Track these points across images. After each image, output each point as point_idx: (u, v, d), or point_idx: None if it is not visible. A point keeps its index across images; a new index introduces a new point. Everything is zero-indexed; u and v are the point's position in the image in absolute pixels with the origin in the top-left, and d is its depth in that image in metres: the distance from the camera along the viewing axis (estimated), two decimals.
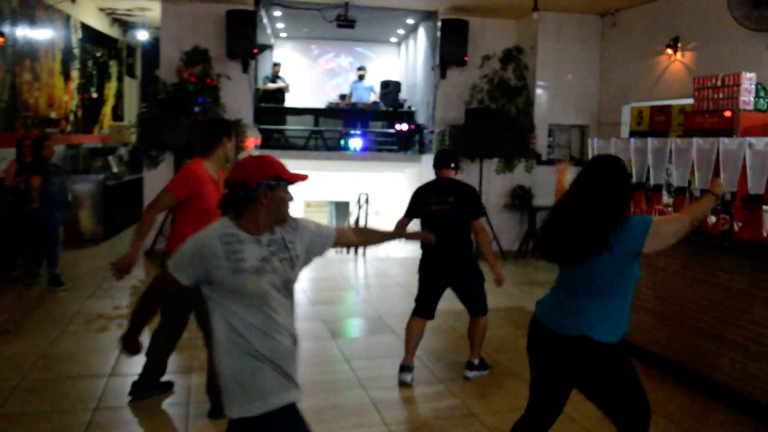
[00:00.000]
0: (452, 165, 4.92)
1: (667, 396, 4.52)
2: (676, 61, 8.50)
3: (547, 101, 10.24)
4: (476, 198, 4.88)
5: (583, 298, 2.77)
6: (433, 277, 4.87)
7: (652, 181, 5.26)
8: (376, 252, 10.13)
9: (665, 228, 2.75)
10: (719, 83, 6.69)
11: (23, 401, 4.23)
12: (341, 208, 16.02)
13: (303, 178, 2.41)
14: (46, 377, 4.66)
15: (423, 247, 4.82)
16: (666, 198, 5.32)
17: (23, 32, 9.54)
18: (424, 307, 4.88)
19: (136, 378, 4.35)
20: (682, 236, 2.82)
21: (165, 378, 4.47)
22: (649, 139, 5.29)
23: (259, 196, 2.31)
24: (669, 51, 8.49)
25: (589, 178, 2.81)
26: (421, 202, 4.82)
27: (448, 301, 6.55)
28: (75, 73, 11.85)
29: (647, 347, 5.17)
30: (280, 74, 13.20)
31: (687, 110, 7.30)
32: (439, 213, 4.72)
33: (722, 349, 4.48)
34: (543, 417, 2.96)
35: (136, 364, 4.99)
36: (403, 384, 4.69)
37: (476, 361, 4.88)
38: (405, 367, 4.76)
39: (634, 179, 5.46)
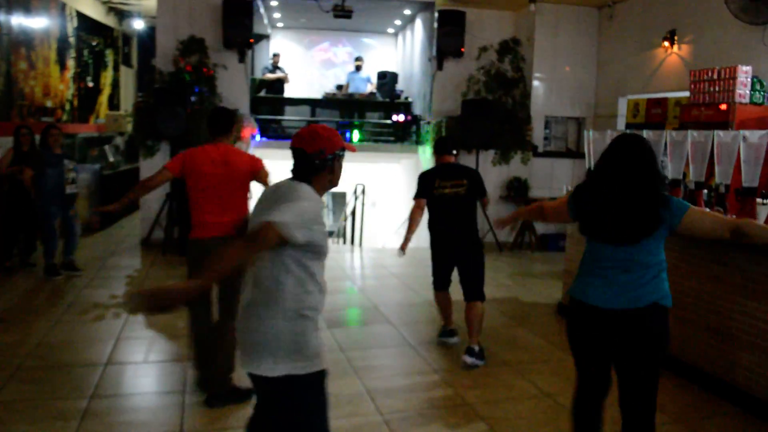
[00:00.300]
0: (453, 151, 5.24)
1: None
2: (673, 54, 8.51)
3: (543, 93, 10.24)
4: (481, 180, 5.21)
5: (638, 273, 2.86)
6: (444, 257, 5.21)
7: None
8: (373, 243, 10.17)
9: (700, 218, 2.88)
10: (715, 76, 6.71)
11: (19, 389, 4.24)
12: (338, 199, 16.03)
13: (353, 149, 2.68)
14: (42, 365, 4.68)
15: (432, 227, 5.19)
16: None
17: (18, 20, 9.49)
18: (441, 281, 5.29)
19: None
20: (715, 238, 2.96)
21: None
22: (645, 132, 5.31)
23: (333, 164, 2.52)
24: (665, 44, 8.49)
25: (625, 157, 2.88)
26: (429, 186, 5.08)
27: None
28: (71, 62, 11.80)
29: None
30: (280, 64, 13.17)
31: (683, 103, 7.33)
32: (451, 196, 5.01)
33: (719, 343, 4.52)
34: (601, 388, 3.07)
35: (132, 353, 5.04)
36: (444, 345, 5.33)
37: (476, 348, 4.93)
38: (447, 331, 5.40)
39: None
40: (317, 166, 2.48)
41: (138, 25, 14.51)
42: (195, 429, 3.80)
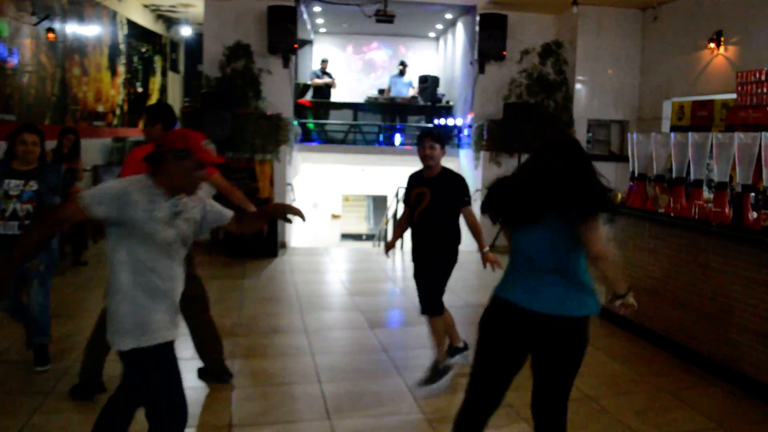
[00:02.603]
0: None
1: (703, 392, 4.53)
2: (719, 56, 8.38)
3: (586, 96, 10.18)
4: (453, 187, 4.70)
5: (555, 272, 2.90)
6: (415, 269, 4.78)
7: (692, 177, 5.24)
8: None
9: (590, 228, 2.66)
10: (763, 78, 6.61)
11: (74, 382, 4.41)
12: (378, 202, 16.14)
13: (214, 160, 2.76)
14: None
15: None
16: (706, 193, 5.29)
17: (72, 28, 9.84)
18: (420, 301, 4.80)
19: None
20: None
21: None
22: (690, 134, 5.27)
23: (167, 161, 2.61)
24: (711, 45, 8.37)
25: (543, 151, 2.89)
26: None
27: (485, 294, 6.58)
28: (121, 68, 12.17)
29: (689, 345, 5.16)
30: (327, 70, 13.37)
31: (730, 105, 7.23)
32: (415, 202, 4.71)
33: (765, 347, 4.46)
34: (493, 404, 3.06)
35: (182, 349, 5.18)
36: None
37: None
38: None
39: (674, 174, 5.45)
40: (156, 158, 2.64)
41: (185, 31, 14.86)
42: (243, 422, 3.92)
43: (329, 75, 13.31)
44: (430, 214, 4.58)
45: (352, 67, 15.70)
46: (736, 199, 4.80)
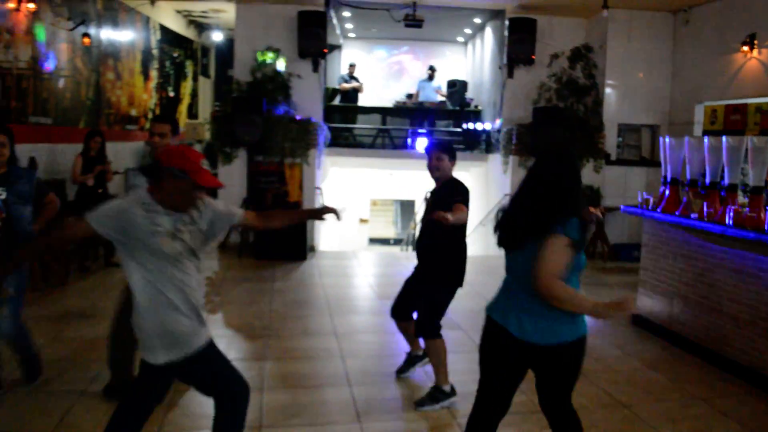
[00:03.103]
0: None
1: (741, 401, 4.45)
2: (753, 59, 8.25)
3: (616, 100, 10.08)
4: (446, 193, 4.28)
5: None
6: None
7: (726, 181, 5.16)
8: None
9: (547, 248, 2.62)
10: None
11: (109, 381, 4.49)
12: (406, 207, 16.15)
13: (212, 183, 2.69)
14: None
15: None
16: (741, 198, 5.21)
17: (107, 34, 10.03)
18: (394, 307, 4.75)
19: None
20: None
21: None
22: (724, 138, 5.20)
23: (164, 178, 2.64)
24: (745, 48, 8.24)
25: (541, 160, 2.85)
26: None
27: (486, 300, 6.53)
28: (153, 73, 12.36)
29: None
30: (355, 74, 13.44)
31: (764, 109, 7.11)
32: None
33: None
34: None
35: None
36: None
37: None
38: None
39: (708, 178, 5.38)
40: (154, 174, 2.74)
41: (216, 37, 15.05)
42: (273, 424, 3.94)
43: (356, 79, 13.37)
44: (425, 226, 4.40)
45: (380, 71, 15.75)
46: None
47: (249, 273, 8.07)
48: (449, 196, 4.11)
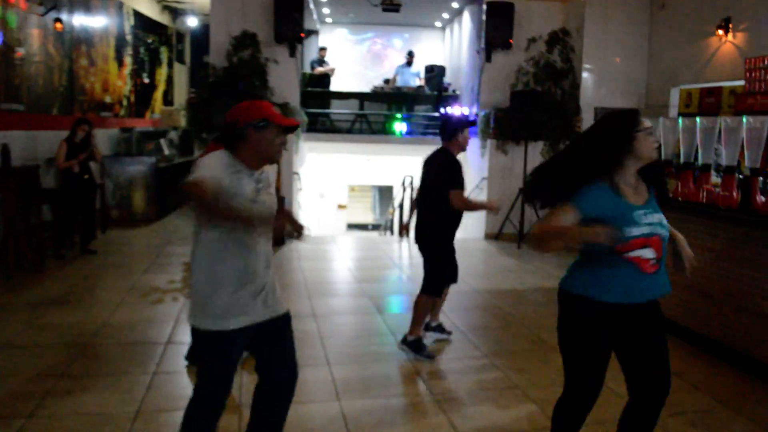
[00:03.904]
0: (442, 135, 4.84)
1: (707, 372, 4.53)
2: (727, 43, 8.34)
3: (593, 84, 10.15)
4: (438, 171, 4.73)
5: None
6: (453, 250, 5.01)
7: (700, 161, 5.23)
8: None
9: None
10: None
11: (87, 365, 4.47)
12: (384, 192, 16.16)
13: (292, 122, 2.72)
14: (108, 343, 4.91)
15: (453, 220, 4.80)
16: (714, 178, 5.28)
17: (80, 19, 9.88)
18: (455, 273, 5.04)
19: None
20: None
21: None
22: (698, 119, 5.26)
23: (246, 135, 2.58)
24: (720, 32, 8.33)
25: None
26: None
27: (491, 280, 6.65)
28: (128, 59, 12.20)
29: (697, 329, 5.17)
30: (326, 58, 13.36)
31: (738, 92, 7.19)
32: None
33: None
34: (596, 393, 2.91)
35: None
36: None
37: (409, 338, 4.85)
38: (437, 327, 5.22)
39: (682, 159, 5.44)
40: (232, 136, 2.61)
41: (191, 22, 14.88)
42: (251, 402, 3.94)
43: (326, 63, 13.31)
44: None
45: (358, 56, 15.69)
46: (744, 183, 4.80)
47: None
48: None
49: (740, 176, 4.88)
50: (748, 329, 4.62)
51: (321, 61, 13.25)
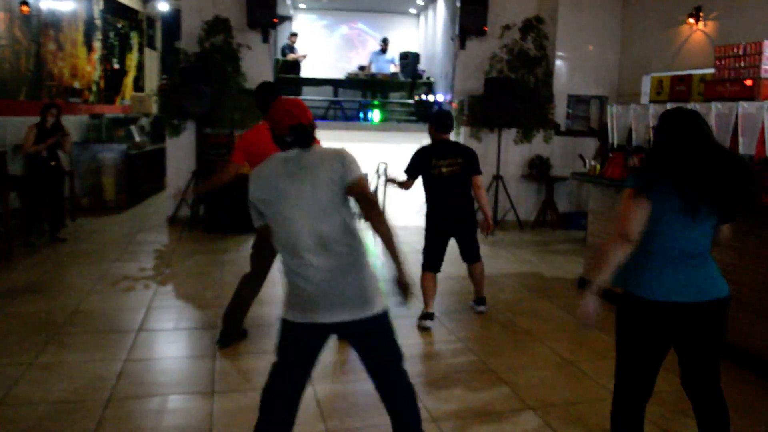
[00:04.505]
0: (451, 129, 5.35)
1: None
2: (698, 31, 8.43)
3: (566, 72, 10.20)
4: (476, 158, 5.27)
5: (704, 258, 2.70)
6: (441, 232, 5.31)
7: None
8: (395, 221, 10.26)
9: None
10: (741, 52, 6.65)
11: (57, 353, 4.41)
12: None
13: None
14: (79, 331, 4.84)
15: (431, 207, 5.30)
16: None
17: (47, 3, 9.66)
18: (434, 261, 5.32)
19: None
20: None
21: None
22: (669, 105, 5.32)
23: (312, 134, 2.76)
24: (691, 20, 8.42)
25: (705, 130, 2.70)
26: (425, 164, 5.18)
27: (454, 267, 6.68)
28: (97, 44, 11.98)
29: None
30: (296, 45, 13.25)
31: (707, 79, 7.28)
32: (447, 175, 5.13)
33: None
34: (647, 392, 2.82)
35: (163, 321, 5.19)
36: (423, 329, 5.13)
37: (485, 298, 5.58)
38: (426, 315, 5.22)
39: (652, 145, 5.50)
40: (310, 134, 2.73)
41: (162, 7, 14.65)
42: (225, 389, 3.93)
43: (297, 50, 13.21)
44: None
45: (331, 43, 15.58)
46: None
47: (200, 246, 7.96)
48: (474, 163, 5.25)
49: None
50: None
51: (291, 48, 13.14)
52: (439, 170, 5.13)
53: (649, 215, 2.62)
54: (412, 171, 5.22)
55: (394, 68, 13.34)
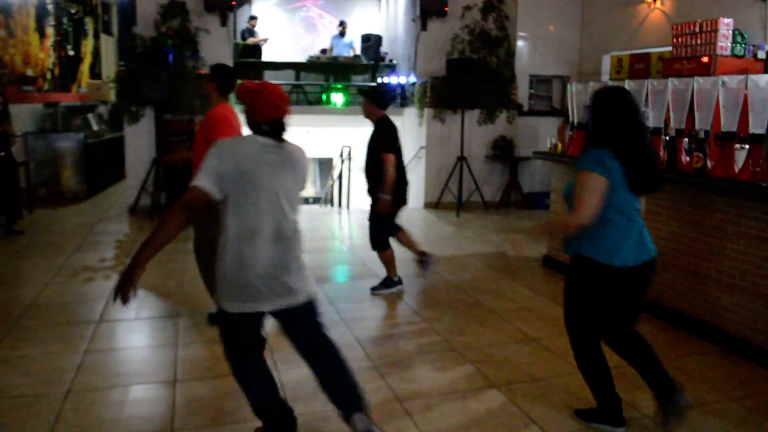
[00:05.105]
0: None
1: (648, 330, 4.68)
2: (656, 10, 8.52)
3: (528, 52, 10.24)
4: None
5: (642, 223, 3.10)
6: (396, 211, 5.47)
7: None
8: (360, 205, 10.24)
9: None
10: (697, 29, 6.74)
11: (15, 346, 4.30)
12: (324, 165, 15.99)
13: None
14: (36, 324, 4.72)
15: (399, 182, 5.30)
16: None
17: None
18: (389, 235, 5.56)
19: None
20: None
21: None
22: (626, 81, 5.36)
23: None
24: None
25: (637, 110, 3.04)
26: (396, 139, 5.30)
27: (431, 248, 6.67)
28: (50, 30, 11.63)
29: None
30: (256, 29, 13.03)
31: (666, 57, 7.36)
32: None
33: (697, 285, 4.64)
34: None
35: (123, 311, 5.09)
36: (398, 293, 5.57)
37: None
38: (399, 281, 5.62)
39: None
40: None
41: None
42: (189, 377, 3.88)
43: (257, 33, 13.01)
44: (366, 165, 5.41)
45: (293, 26, 15.37)
46: (670, 143, 4.93)
47: None
48: (375, 140, 5.20)
49: (666, 138, 5.01)
50: (680, 287, 4.79)
51: (251, 32, 12.93)
52: (400, 145, 5.25)
53: (604, 192, 2.90)
54: (394, 147, 5.22)
55: (353, 52, 13.22)
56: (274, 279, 2.72)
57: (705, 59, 6.59)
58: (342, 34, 13.35)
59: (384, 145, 5.13)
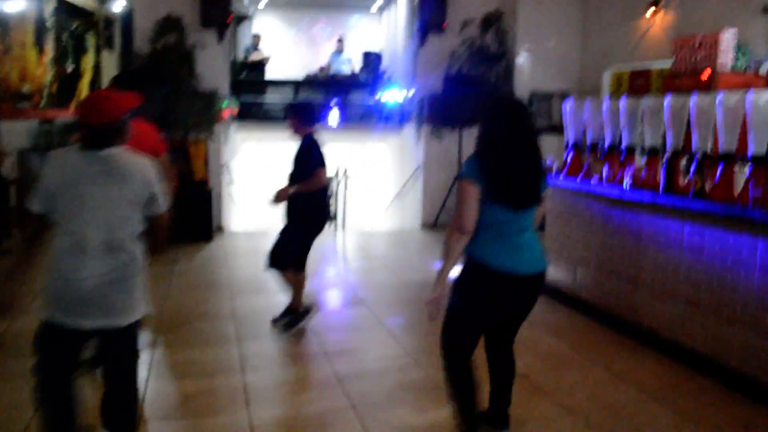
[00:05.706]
0: None
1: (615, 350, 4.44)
2: (657, 23, 8.32)
3: (528, 68, 10.02)
4: None
5: (531, 233, 3.10)
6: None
7: (625, 143, 5.13)
8: (360, 226, 10.08)
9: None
10: (698, 44, 6.52)
11: None
12: None
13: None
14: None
15: (323, 201, 5.47)
16: (639, 160, 5.17)
17: None
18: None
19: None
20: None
21: None
22: (623, 100, 5.17)
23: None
24: (650, 12, 8.30)
25: (523, 122, 3.02)
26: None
27: (424, 273, 6.47)
28: (49, 46, 11.56)
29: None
30: (260, 46, 12.94)
31: (665, 73, 7.15)
32: None
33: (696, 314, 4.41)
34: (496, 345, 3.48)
35: None
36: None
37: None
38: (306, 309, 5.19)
39: (608, 141, 5.34)
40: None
41: (117, 6, 14.21)
42: (155, 416, 3.68)
43: (261, 51, 12.92)
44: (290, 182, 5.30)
45: (292, 43, 15.29)
46: (668, 163, 4.70)
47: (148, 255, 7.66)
48: (306, 154, 5.10)
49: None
50: (672, 315, 4.56)
51: (255, 49, 12.84)
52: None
53: (479, 199, 2.93)
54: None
55: (351, 68, 13.08)
56: (99, 295, 2.61)
57: (705, 75, 6.37)
58: (339, 51, 13.23)
59: (315, 161, 5.05)
